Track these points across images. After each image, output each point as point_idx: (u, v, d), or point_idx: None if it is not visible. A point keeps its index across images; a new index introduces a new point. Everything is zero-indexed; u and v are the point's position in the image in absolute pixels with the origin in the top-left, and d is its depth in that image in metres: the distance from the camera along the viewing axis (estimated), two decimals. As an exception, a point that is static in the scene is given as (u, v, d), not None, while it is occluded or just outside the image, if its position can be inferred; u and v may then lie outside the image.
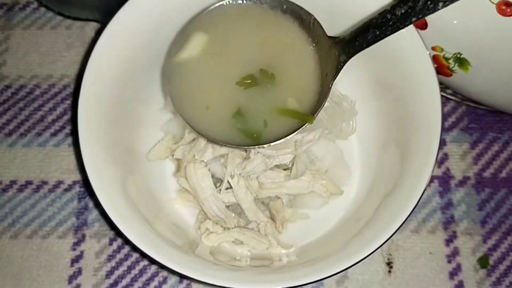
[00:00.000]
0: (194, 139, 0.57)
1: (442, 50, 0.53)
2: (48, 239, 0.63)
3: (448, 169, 0.66)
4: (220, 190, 0.56)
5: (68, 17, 0.71)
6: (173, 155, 0.59)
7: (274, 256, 0.57)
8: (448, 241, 0.63)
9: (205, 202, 0.56)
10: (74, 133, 0.67)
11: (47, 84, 0.70)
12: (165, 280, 0.62)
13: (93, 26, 0.73)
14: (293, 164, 0.57)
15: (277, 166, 0.58)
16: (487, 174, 0.66)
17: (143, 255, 0.62)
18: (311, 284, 0.60)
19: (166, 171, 0.62)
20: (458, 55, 0.52)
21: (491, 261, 0.62)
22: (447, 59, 0.53)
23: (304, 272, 0.49)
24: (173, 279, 0.62)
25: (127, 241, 0.62)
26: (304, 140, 0.56)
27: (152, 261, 0.62)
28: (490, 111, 0.67)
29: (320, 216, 0.59)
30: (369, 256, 0.61)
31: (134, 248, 0.61)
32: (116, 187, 0.51)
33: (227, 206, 0.58)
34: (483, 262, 0.62)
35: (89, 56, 0.53)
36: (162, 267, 0.62)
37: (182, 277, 0.60)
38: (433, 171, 0.50)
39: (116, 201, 0.49)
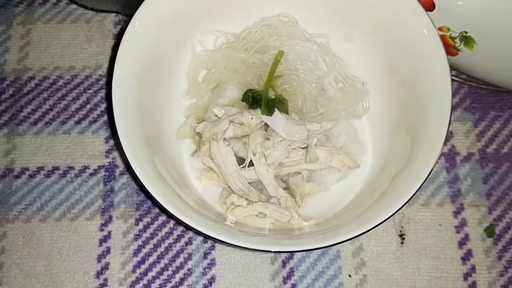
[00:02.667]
0: (217, 120, 0.60)
1: (448, 30, 0.57)
2: (77, 221, 0.66)
3: (453, 146, 0.70)
4: (244, 167, 0.60)
5: (91, 9, 0.74)
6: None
7: (295, 228, 0.60)
8: (456, 213, 0.67)
9: (230, 178, 0.59)
10: (110, 119, 0.70)
11: (70, 75, 0.73)
12: (190, 257, 0.65)
13: (111, 19, 0.76)
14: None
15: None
16: (490, 150, 0.70)
17: (170, 232, 0.65)
18: (328, 256, 0.64)
19: (190, 152, 0.65)
20: (464, 34, 0.56)
21: (497, 231, 0.66)
22: (453, 38, 0.57)
23: (320, 237, 0.53)
24: (197, 255, 0.65)
25: (158, 214, 0.65)
26: (319, 130, 0.60)
27: (178, 238, 0.65)
28: (491, 91, 0.71)
29: (338, 190, 0.63)
30: (383, 229, 0.66)
31: (168, 219, 0.64)
32: (149, 164, 0.54)
33: (249, 183, 0.61)
34: (489, 231, 0.66)
35: (116, 47, 0.56)
36: (187, 244, 0.65)
37: (213, 240, 0.64)
38: (442, 149, 0.53)
39: (150, 175, 0.52)
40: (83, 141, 0.70)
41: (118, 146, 0.69)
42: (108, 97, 0.68)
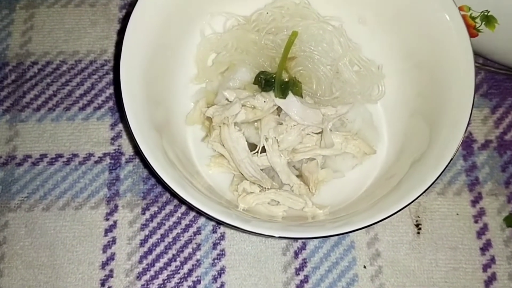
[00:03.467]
0: (228, 103, 0.58)
1: (469, 9, 0.55)
2: (81, 210, 0.64)
3: (470, 134, 0.68)
4: (256, 154, 0.57)
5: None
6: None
7: (309, 216, 0.57)
8: (474, 202, 0.64)
9: (241, 163, 0.57)
10: (118, 104, 0.68)
11: (74, 60, 0.71)
12: (198, 247, 0.62)
13: (116, 3, 0.74)
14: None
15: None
16: (508, 137, 0.68)
17: (178, 221, 0.63)
18: (342, 246, 0.62)
19: (199, 139, 0.63)
20: (486, 13, 0.53)
21: (516, 220, 0.64)
22: (474, 18, 0.55)
23: (334, 225, 0.50)
24: (206, 246, 0.62)
25: (166, 203, 0.63)
26: (334, 115, 0.58)
27: (186, 228, 0.63)
28: (509, 77, 0.69)
29: (353, 177, 0.61)
30: (398, 219, 0.64)
31: (176, 208, 0.62)
32: (159, 149, 0.52)
33: (261, 170, 0.59)
34: (509, 221, 0.64)
35: (122, 32, 0.54)
36: (195, 234, 0.63)
37: (225, 225, 0.61)
38: (464, 137, 0.51)
39: (161, 161, 0.50)
40: (88, 127, 0.67)
41: (127, 130, 0.66)
42: (116, 82, 0.66)
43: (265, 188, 0.57)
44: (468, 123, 0.52)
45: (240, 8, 0.65)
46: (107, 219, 0.63)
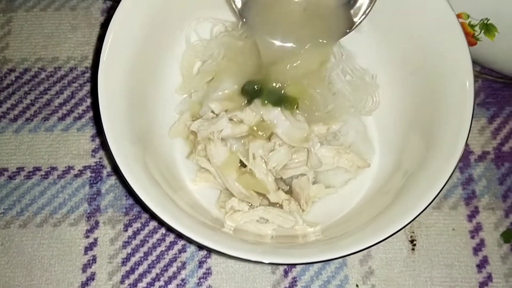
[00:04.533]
0: (214, 117, 0.55)
1: (468, 17, 0.52)
2: (60, 227, 0.60)
3: (467, 145, 0.65)
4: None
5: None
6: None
7: (299, 235, 0.55)
8: (471, 217, 0.62)
9: (229, 180, 0.54)
10: (96, 115, 0.64)
11: (53, 66, 0.67)
12: (183, 266, 0.59)
13: (98, 6, 0.70)
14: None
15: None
16: (506, 148, 0.65)
17: (162, 238, 0.60)
18: (334, 264, 0.59)
19: (184, 152, 0.59)
20: (485, 21, 0.51)
21: (514, 236, 0.61)
22: (473, 26, 0.52)
23: (326, 248, 0.48)
24: (192, 264, 0.59)
25: (149, 219, 0.60)
26: (325, 133, 0.55)
27: (170, 245, 0.60)
28: (507, 85, 0.66)
29: (346, 193, 0.58)
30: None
31: (158, 227, 0.59)
32: (139, 165, 0.48)
33: (249, 186, 0.56)
34: (506, 236, 0.61)
35: (102, 38, 0.51)
36: (180, 252, 0.60)
37: (209, 250, 0.58)
38: (463, 151, 0.48)
39: (140, 177, 0.47)
40: (67, 139, 0.64)
41: (104, 145, 0.63)
42: (94, 92, 0.62)
43: (254, 205, 0.54)
44: (468, 135, 0.49)
45: (228, 13, 0.62)
46: (87, 237, 0.60)
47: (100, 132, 0.64)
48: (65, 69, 0.67)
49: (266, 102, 0.54)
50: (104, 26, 0.69)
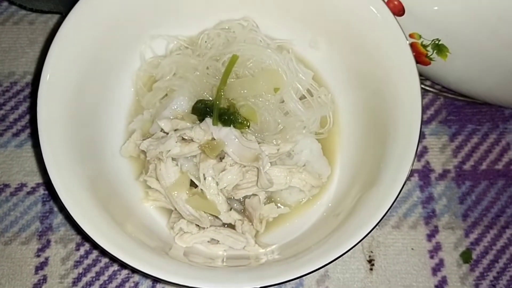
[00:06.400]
0: (163, 136, 0.54)
1: (420, 37, 0.51)
2: (10, 246, 0.59)
3: (428, 163, 0.65)
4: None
5: (31, 9, 0.67)
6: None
7: (251, 256, 0.54)
8: (430, 236, 0.61)
9: (179, 202, 0.53)
10: (34, 133, 0.63)
11: (9, 81, 0.66)
12: (136, 286, 0.58)
13: (57, 21, 0.69)
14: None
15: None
16: (467, 166, 0.64)
17: (113, 260, 0.59)
18: (290, 285, 0.58)
19: (136, 171, 0.58)
20: (437, 42, 0.50)
21: (474, 256, 0.61)
22: (425, 46, 0.52)
23: (282, 269, 0.46)
24: (144, 285, 0.58)
25: (95, 246, 0.58)
26: (276, 154, 0.54)
27: (123, 266, 0.58)
28: (469, 103, 0.66)
29: (301, 212, 0.57)
30: (350, 254, 0.60)
31: (103, 253, 0.57)
32: (82, 187, 0.47)
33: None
34: (466, 256, 0.61)
35: (46, 52, 0.50)
36: (133, 271, 0.58)
37: (156, 280, 0.57)
38: (413, 164, 0.48)
39: (81, 202, 0.46)
40: (21, 155, 0.63)
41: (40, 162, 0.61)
42: (33, 109, 0.61)
43: (203, 227, 0.53)
44: (416, 153, 0.48)
45: (185, 29, 0.61)
46: (38, 256, 0.59)
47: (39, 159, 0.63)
48: (22, 84, 0.66)
49: (216, 121, 0.53)
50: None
